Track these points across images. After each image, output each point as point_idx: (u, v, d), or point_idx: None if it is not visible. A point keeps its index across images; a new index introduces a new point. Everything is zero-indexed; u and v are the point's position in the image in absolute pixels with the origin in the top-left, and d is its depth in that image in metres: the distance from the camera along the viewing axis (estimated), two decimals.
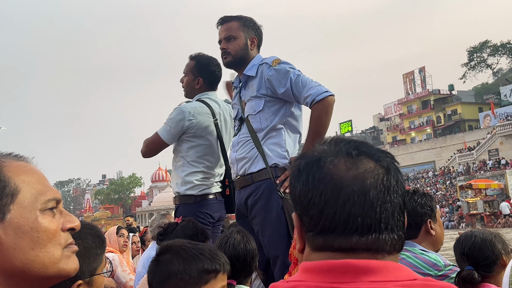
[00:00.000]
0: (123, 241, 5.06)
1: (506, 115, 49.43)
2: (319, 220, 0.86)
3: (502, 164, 42.34)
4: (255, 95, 2.84)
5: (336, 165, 0.87)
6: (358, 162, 0.87)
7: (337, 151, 0.89)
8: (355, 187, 0.84)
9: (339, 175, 0.86)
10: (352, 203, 0.84)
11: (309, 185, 0.88)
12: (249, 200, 2.81)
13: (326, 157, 0.89)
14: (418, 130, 63.43)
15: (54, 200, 1.02)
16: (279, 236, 2.66)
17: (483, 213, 29.81)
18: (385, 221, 0.85)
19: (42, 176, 1.03)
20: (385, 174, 0.87)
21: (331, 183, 0.86)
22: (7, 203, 0.95)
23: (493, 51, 67.02)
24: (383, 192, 0.85)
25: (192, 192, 3.39)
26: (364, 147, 0.90)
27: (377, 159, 0.88)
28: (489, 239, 2.19)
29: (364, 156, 0.88)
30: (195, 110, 3.40)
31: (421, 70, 63.78)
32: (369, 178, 0.85)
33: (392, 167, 0.89)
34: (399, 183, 0.88)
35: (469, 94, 65.21)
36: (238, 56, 2.92)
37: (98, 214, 62.70)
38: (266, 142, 2.81)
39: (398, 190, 0.87)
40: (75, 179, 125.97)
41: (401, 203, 0.88)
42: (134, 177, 77.34)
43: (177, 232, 2.55)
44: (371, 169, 0.87)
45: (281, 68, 2.78)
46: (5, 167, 0.98)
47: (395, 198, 0.86)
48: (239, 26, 2.93)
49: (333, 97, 2.70)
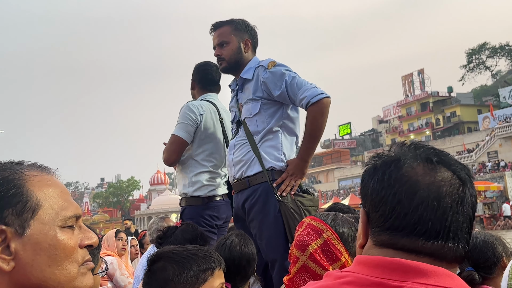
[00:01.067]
0: (121, 244, 5.06)
1: (505, 117, 49.48)
2: (389, 217, 0.89)
3: (502, 166, 42.35)
4: (252, 97, 2.84)
5: (414, 168, 0.90)
6: (436, 169, 0.90)
7: (417, 155, 0.92)
8: (430, 192, 0.87)
9: (416, 179, 0.89)
10: (425, 207, 0.87)
11: (384, 183, 0.91)
12: (247, 203, 2.80)
13: (406, 159, 0.92)
14: (417, 132, 63.43)
15: (75, 216, 1.00)
16: (276, 239, 2.65)
17: (483, 215, 29.83)
18: (454, 230, 0.87)
19: (65, 190, 1.02)
20: (460, 185, 0.90)
21: (407, 184, 0.89)
22: (28, 218, 0.94)
23: (492, 53, 67.16)
24: (456, 202, 0.88)
25: (200, 193, 3.36)
26: (443, 156, 0.93)
27: (454, 170, 0.91)
28: (490, 241, 2.19)
29: (442, 164, 0.91)
30: (203, 104, 3.42)
31: (420, 72, 63.81)
32: (445, 186, 0.88)
33: (467, 180, 0.92)
34: (472, 196, 0.91)
35: (468, 96, 65.25)
36: (233, 60, 2.93)
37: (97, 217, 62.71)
38: (262, 145, 2.81)
39: (471, 203, 0.91)
40: (74, 183, 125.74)
41: (471, 216, 0.90)
42: (133, 180, 77.32)
43: (177, 236, 2.55)
44: (448, 178, 0.89)
45: (276, 71, 2.78)
46: (28, 180, 0.97)
47: (467, 210, 0.89)
48: (231, 30, 2.94)
49: (328, 99, 2.69)
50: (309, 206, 2.71)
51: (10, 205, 0.93)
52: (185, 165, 3.44)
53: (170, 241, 2.53)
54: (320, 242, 1.60)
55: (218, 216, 3.39)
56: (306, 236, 1.65)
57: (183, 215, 3.39)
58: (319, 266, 1.57)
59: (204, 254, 1.57)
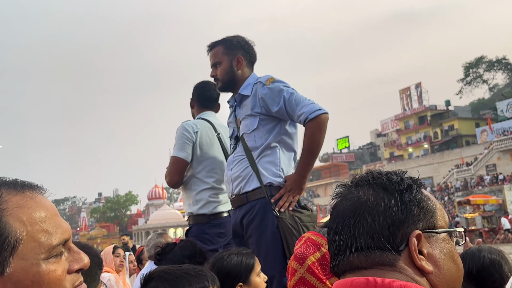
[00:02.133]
0: (119, 261, 5.03)
1: (503, 130, 49.66)
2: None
3: (500, 180, 42.38)
4: (250, 113, 2.86)
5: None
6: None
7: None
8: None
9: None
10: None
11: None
12: (245, 219, 2.80)
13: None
14: (415, 146, 63.56)
15: (62, 243, 0.90)
16: (274, 255, 2.64)
17: (482, 229, 29.78)
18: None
19: (51, 212, 0.91)
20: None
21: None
22: (7, 256, 0.83)
23: (489, 66, 67.65)
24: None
25: (205, 210, 3.39)
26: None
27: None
28: (497, 260, 2.12)
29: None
30: (197, 123, 3.48)
31: (417, 86, 64.10)
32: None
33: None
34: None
35: (465, 110, 65.52)
36: (226, 80, 2.98)
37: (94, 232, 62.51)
38: (260, 160, 2.81)
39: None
40: (71, 197, 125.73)
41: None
42: (131, 195, 77.17)
43: (175, 253, 2.54)
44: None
45: (274, 87, 2.80)
46: (5, 211, 0.85)
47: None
48: (223, 50, 2.98)
49: (326, 115, 2.71)
50: (307, 222, 2.72)
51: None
52: (188, 184, 3.48)
53: (168, 258, 2.52)
54: (319, 255, 1.61)
55: (225, 233, 3.39)
56: (305, 249, 1.66)
57: (189, 233, 3.42)
58: (317, 279, 1.58)
59: (197, 272, 1.55)
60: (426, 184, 0.99)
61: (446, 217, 0.99)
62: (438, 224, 0.96)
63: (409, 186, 0.96)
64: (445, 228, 0.97)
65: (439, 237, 0.95)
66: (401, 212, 0.92)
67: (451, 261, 0.94)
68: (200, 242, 3.20)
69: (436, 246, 0.93)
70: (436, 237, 0.94)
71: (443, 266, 0.92)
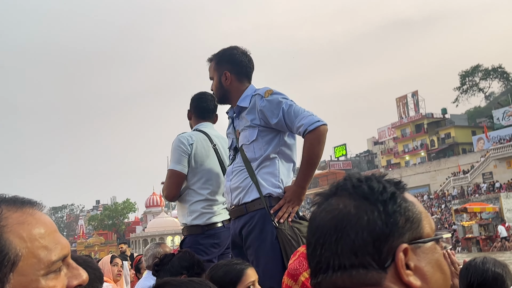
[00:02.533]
0: (117, 270, 5.05)
1: (499, 138, 49.76)
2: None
3: (497, 187, 42.41)
4: (249, 124, 2.87)
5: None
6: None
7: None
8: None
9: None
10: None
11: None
12: (244, 230, 2.81)
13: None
14: (412, 154, 63.60)
15: (61, 259, 0.90)
16: (273, 266, 2.64)
17: (479, 236, 29.76)
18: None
19: (50, 228, 0.90)
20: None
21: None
22: (7, 273, 0.82)
23: (485, 75, 67.90)
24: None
25: (198, 221, 3.40)
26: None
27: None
28: (501, 275, 2.10)
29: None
30: (192, 135, 3.51)
31: (414, 94, 64.25)
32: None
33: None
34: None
35: (462, 118, 65.65)
36: (219, 95, 3.05)
37: (92, 240, 62.25)
38: (260, 171, 2.82)
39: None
40: (69, 205, 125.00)
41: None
42: (128, 203, 76.83)
43: (173, 263, 2.55)
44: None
45: (273, 99, 2.81)
46: (5, 228, 0.84)
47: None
48: (214, 65, 3.04)
49: (325, 126, 2.71)
50: (306, 232, 2.70)
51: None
52: (182, 196, 3.49)
53: (166, 269, 2.53)
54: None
55: (219, 243, 3.40)
56: (298, 264, 1.64)
57: (183, 244, 3.43)
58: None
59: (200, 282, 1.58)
60: (422, 192, 0.95)
61: (432, 222, 0.91)
62: (425, 232, 0.88)
63: (393, 194, 0.87)
64: (431, 235, 0.89)
65: (426, 247, 0.87)
66: (386, 225, 0.84)
67: (439, 271, 0.87)
68: (195, 253, 3.23)
69: (423, 258, 0.86)
70: (423, 247, 0.87)
71: (431, 279, 0.85)
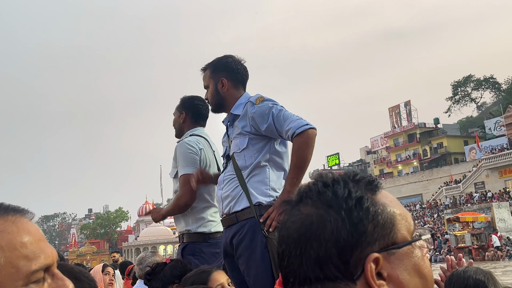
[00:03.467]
0: (108, 279, 5.04)
1: (491, 148, 50.08)
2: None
3: (489, 197, 42.62)
4: (240, 132, 2.89)
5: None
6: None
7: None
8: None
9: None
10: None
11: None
12: (234, 239, 2.82)
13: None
14: (404, 163, 63.84)
15: (43, 268, 0.84)
16: (263, 275, 2.66)
17: (471, 246, 29.82)
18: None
19: (35, 237, 0.85)
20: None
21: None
22: None
23: (477, 85, 68.39)
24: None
25: (204, 229, 3.35)
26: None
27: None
28: (482, 281, 2.12)
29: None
30: (198, 140, 3.43)
31: (406, 103, 64.59)
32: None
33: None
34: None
35: (454, 128, 66.06)
36: (214, 103, 3.06)
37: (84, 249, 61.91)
38: (250, 180, 2.83)
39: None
40: (61, 214, 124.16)
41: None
42: (121, 211, 76.45)
43: (165, 273, 2.55)
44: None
45: (264, 105, 2.84)
46: None
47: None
48: (209, 73, 3.06)
49: (314, 130, 2.72)
50: None
51: None
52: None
53: (158, 278, 2.54)
54: None
55: (219, 253, 3.31)
56: None
57: (185, 251, 3.36)
58: None
59: None
60: (415, 202, 0.88)
61: (409, 223, 0.84)
62: (399, 236, 0.80)
63: (359, 200, 0.80)
64: (408, 237, 0.82)
65: (401, 252, 0.80)
66: (352, 235, 0.77)
67: (417, 276, 0.80)
68: (197, 261, 3.21)
69: (398, 265, 0.79)
70: (398, 253, 0.79)
71: (408, 286, 0.78)
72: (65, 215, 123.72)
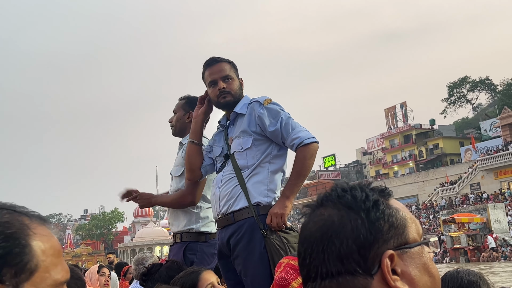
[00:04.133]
0: (104, 280, 5.01)
1: (486, 149, 50.24)
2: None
3: (484, 198, 42.78)
4: (245, 130, 2.89)
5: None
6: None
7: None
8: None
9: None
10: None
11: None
12: (232, 239, 2.80)
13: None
14: (400, 164, 63.98)
15: (64, 283, 0.91)
16: (262, 276, 2.65)
17: (467, 247, 29.91)
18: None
19: (59, 249, 0.92)
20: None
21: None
22: (24, 280, 0.83)
23: (473, 86, 68.71)
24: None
25: (207, 229, 3.35)
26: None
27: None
28: (475, 281, 2.15)
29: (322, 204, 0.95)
30: (206, 141, 3.34)
31: (402, 105, 64.75)
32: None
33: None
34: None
35: (450, 129, 66.28)
36: (237, 96, 3.00)
37: (79, 250, 61.65)
38: (250, 180, 2.83)
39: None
40: (56, 214, 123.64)
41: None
42: (116, 212, 76.33)
43: (161, 273, 2.54)
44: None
45: (272, 108, 2.87)
46: (33, 238, 0.86)
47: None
48: (231, 67, 3.02)
49: (318, 144, 2.83)
50: (294, 242, 2.71)
51: (11, 264, 0.83)
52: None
53: (154, 278, 2.53)
54: (301, 280, 1.62)
55: (216, 254, 3.25)
56: (286, 274, 1.64)
57: (186, 251, 3.34)
58: None
59: None
60: (411, 203, 0.97)
61: (419, 227, 0.94)
62: (411, 237, 0.90)
63: (375, 202, 0.90)
64: (418, 239, 0.91)
65: (413, 251, 0.89)
66: (370, 233, 0.86)
67: (426, 275, 0.89)
68: (199, 260, 3.23)
69: (410, 262, 0.88)
70: (410, 252, 0.88)
71: (419, 283, 0.87)
72: (61, 216, 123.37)
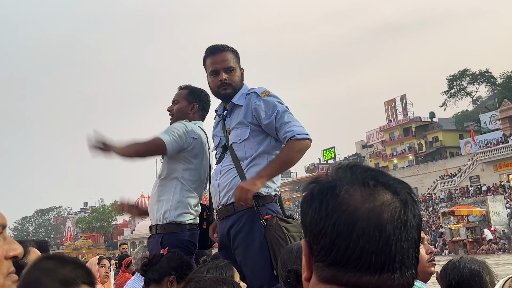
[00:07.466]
0: (104, 272, 5.04)
1: (486, 142, 50.24)
2: (330, 251, 0.80)
3: (483, 191, 42.86)
4: (242, 121, 2.86)
5: (352, 194, 0.81)
6: (375, 194, 0.81)
7: (353, 180, 0.83)
8: (370, 221, 0.79)
9: (355, 207, 0.80)
10: (366, 239, 0.78)
11: (321, 213, 0.82)
12: (232, 230, 2.79)
13: (342, 185, 0.83)
14: (400, 157, 64.01)
15: (0, 226, 0.96)
16: (262, 266, 2.65)
17: (466, 239, 30.00)
18: (399, 259, 0.79)
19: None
20: (402, 208, 0.81)
21: (345, 214, 0.80)
22: None
23: (472, 79, 68.54)
24: (399, 228, 0.80)
25: (183, 219, 3.10)
26: (381, 177, 0.84)
27: (394, 191, 0.82)
28: (477, 271, 2.15)
29: (381, 187, 0.83)
30: (197, 129, 3.24)
31: (402, 97, 64.68)
32: (386, 212, 0.80)
33: (409, 200, 0.83)
34: (416, 217, 0.83)
35: (449, 122, 66.22)
36: (238, 88, 2.94)
37: (79, 242, 61.76)
38: (249, 170, 2.82)
39: (415, 225, 0.82)
40: (56, 207, 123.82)
41: (416, 239, 0.82)
42: (116, 205, 76.24)
43: (162, 264, 2.53)
44: (388, 202, 0.81)
45: (269, 100, 2.83)
46: None
47: (411, 234, 0.81)
48: (234, 57, 2.96)
49: (310, 142, 2.78)
50: (294, 232, 2.71)
51: None
52: (168, 187, 3.18)
53: (155, 269, 2.53)
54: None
55: (196, 245, 3.20)
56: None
57: (163, 243, 3.01)
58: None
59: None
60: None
61: None
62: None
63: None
64: None
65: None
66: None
67: None
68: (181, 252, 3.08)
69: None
70: None
71: None
72: (61, 209, 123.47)
